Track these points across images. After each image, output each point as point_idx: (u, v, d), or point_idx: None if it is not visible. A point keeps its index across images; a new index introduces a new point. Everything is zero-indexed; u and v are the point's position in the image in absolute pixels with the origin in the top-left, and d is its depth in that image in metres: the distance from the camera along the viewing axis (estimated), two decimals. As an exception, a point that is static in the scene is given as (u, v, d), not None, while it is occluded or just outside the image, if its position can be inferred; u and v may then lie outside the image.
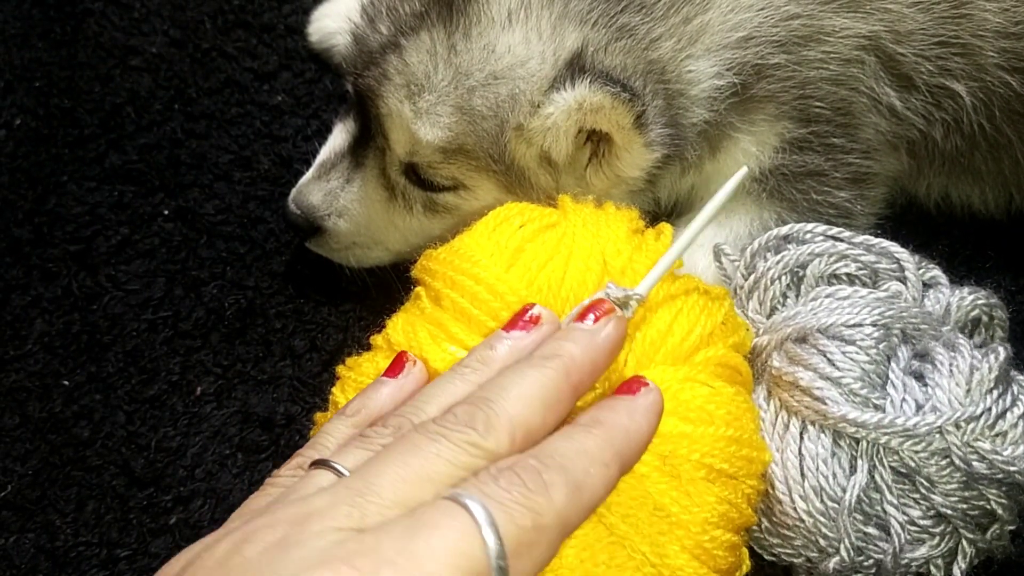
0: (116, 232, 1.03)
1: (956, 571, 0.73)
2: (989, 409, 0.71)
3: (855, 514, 0.71)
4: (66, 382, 0.94)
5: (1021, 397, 0.73)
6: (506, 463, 0.56)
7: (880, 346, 0.73)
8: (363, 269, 0.96)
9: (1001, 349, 0.74)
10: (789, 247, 0.81)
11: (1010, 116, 0.90)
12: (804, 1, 0.85)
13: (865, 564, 0.72)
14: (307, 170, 0.95)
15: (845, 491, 0.71)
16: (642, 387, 0.64)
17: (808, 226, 0.82)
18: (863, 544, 0.71)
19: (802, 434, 0.73)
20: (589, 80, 0.78)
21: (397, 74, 0.84)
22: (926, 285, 0.80)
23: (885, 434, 0.70)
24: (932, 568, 0.73)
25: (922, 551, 0.72)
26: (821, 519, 0.71)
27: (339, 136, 0.93)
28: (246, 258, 1.02)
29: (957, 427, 0.70)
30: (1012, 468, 0.70)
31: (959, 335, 0.76)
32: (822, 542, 0.71)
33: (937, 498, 0.71)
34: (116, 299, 0.99)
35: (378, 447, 0.59)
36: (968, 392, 0.72)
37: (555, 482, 0.55)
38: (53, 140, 1.09)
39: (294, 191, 0.93)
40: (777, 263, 0.80)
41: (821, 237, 0.82)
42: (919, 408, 0.72)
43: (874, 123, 0.89)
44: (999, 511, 0.72)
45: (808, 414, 0.73)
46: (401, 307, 0.76)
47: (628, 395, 0.64)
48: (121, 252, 1.02)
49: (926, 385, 0.73)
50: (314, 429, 0.73)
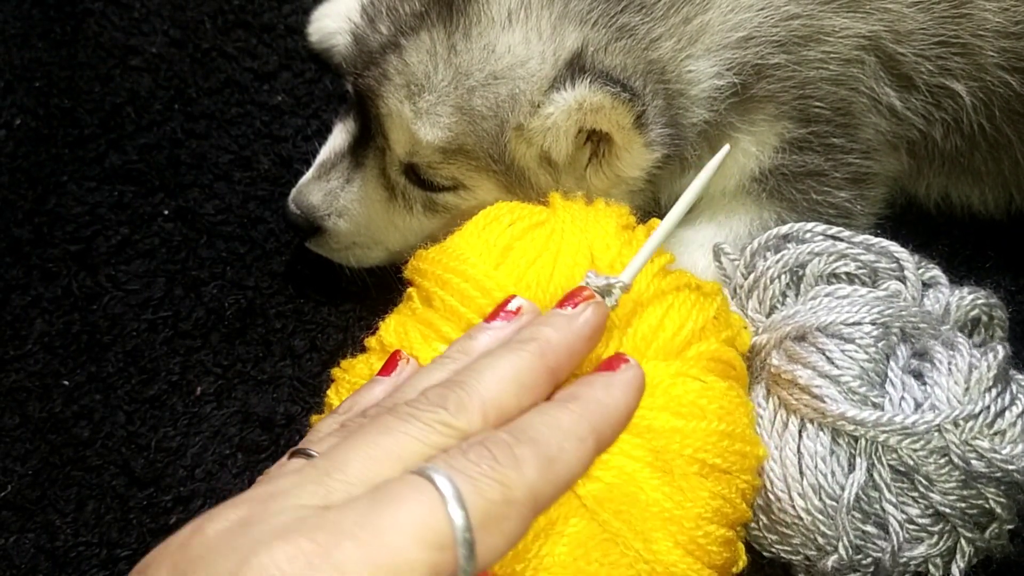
0: (116, 232, 1.03)
1: (955, 570, 0.73)
2: (988, 407, 0.71)
3: (853, 512, 0.71)
4: (66, 382, 0.94)
5: (1020, 396, 0.73)
6: (477, 438, 0.55)
7: (879, 344, 0.73)
8: (363, 269, 0.96)
9: (1000, 348, 0.74)
10: (789, 246, 0.82)
11: (1010, 116, 0.90)
12: (804, 1, 0.85)
13: (863, 562, 0.72)
14: (307, 170, 0.95)
15: (844, 489, 0.71)
16: (622, 363, 0.64)
17: (808, 225, 0.82)
18: (861, 542, 0.71)
19: (801, 432, 0.73)
20: (589, 80, 0.78)
21: (397, 74, 0.84)
22: (926, 285, 0.80)
23: (884, 432, 0.70)
24: (930, 567, 0.73)
25: (920, 550, 0.72)
26: (819, 517, 0.71)
27: (339, 136, 0.93)
28: (246, 258, 1.02)
29: (956, 425, 0.70)
30: (1010, 467, 0.70)
31: (958, 334, 0.76)
32: (820, 540, 0.71)
33: (936, 497, 0.71)
34: (116, 299, 0.99)
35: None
36: (967, 390, 0.72)
37: (526, 456, 0.54)
38: (53, 140, 1.09)
39: (294, 191, 0.93)
40: (777, 262, 0.80)
41: (821, 236, 0.82)
42: (918, 406, 0.72)
43: (874, 123, 0.89)
44: (998, 510, 0.72)
45: (807, 412, 0.73)
46: (394, 308, 0.77)
47: (608, 371, 0.64)
48: (121, 252, 1.02)
49: (925, 383, 0.73)
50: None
